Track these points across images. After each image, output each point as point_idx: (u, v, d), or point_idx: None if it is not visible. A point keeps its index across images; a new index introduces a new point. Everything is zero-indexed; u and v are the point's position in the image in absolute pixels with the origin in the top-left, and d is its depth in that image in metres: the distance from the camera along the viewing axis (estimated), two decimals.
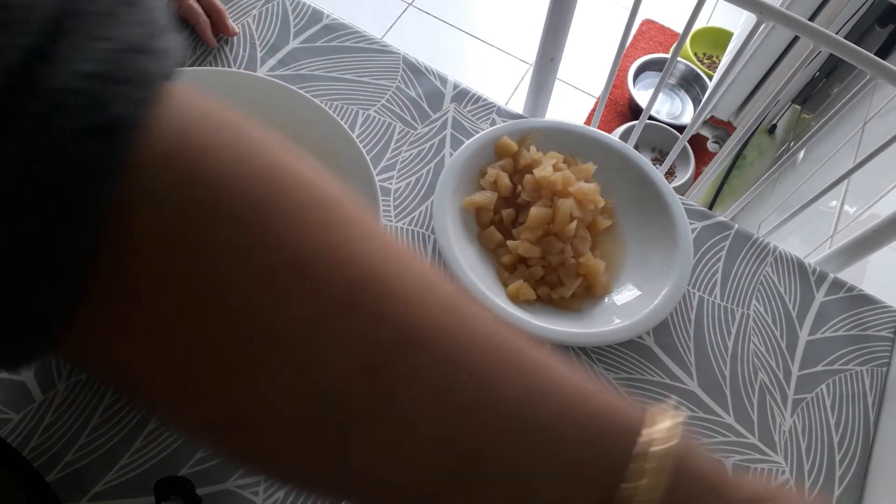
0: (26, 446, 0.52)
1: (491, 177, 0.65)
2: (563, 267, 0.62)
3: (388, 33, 2.00)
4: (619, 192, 0.68)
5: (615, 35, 0.87)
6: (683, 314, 0.65)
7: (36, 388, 0.54)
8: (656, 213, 0.66)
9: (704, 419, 0.60)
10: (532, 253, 0.62)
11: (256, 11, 0.77)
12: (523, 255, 0.62)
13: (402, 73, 0.75)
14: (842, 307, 0.67)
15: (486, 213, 0.65)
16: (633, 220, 0.67)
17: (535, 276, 0.62)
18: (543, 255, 0.62)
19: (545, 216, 0.62)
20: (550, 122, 0.69)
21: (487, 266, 0.63)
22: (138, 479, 0.52)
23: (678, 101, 1.94)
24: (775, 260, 0.69)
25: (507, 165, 0.66)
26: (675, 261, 0.62)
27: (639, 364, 0.62)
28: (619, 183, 0.68)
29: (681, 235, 0.64)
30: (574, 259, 0.62)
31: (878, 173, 1.00)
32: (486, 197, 0.64)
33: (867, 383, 0.63)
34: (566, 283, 0.62)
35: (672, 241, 0.64)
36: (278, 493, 0.52)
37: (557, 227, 0.62)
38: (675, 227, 0.64)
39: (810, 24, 0.71)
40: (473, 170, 0.66)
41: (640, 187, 0.67)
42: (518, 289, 0.61)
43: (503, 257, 0.63)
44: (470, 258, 0.61)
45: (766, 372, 0.63)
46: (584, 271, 0.62)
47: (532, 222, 0.62)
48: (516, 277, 0.62)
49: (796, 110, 1.69)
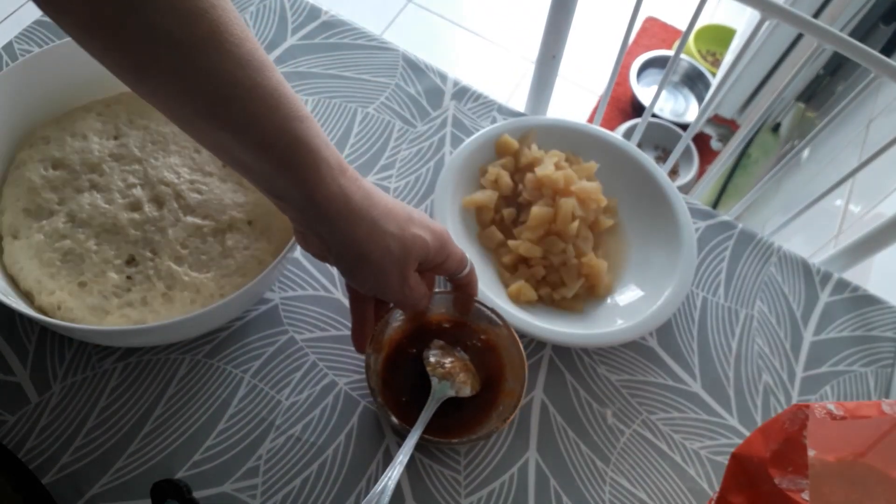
0: (22, 448, 0.51)
1: (492, 175, 0.64)
2: (565, 267, 0.61)
3: (387, 30, 1.99)
4: (622, 190, 0.67)
5: (618, 32, 0.87)
6: (686, 315, 0.64)
7: (32, 390, 0.54)
8: (660, 212, 0.65)
9: (708, 421, 0.59)
10: (533, 253, 0.61)
11: (254, 8, 0.77)
12: (524, 255, 0.61)
13: (402, 71, 0.75)
14: (846, 307, 0.66)
15: (487, 213, 0.64)
16: (636, 219, 0.66)
17: (537, 277, 0.61)
18: (545, 255, 0.61)
19: (547, 215, 0.61)
20: (552, 120, 0.68)
21: (488, 266, 0.62)
22: (134, 482, 0.51)
23: (681, 98, 1.93)
24: (779, 260, 0.68)
25: (508, 164, 0.65)
26: (679, 261, 0.61)
27: (641, 365, 0.61)
28: (622, 181, 0.67)
29: (684, 235, 0.63)
30: (576, 259, 0.61)
31: (883, 172, 0.99)
32: (486, 196, 0.64)
33: (872, 384, 0.62)
34: (568, 283, 0.61)
35: (676, 240, 0.63)
36: (276, 497, 0.52)
37: (559, 226, 0.61)
38: (678, 226, 0.63)
39: (814, 22, 0.70)
40: (474, 168, 0.65)
41: (643, 186, 0.66)
42: (519, 289, 0.60)
43: (504, 257, 0.63)
44: (471, 258, 0.60)
45: (770, 373, 0.62)
46: (586, 271, 0.61)
47: (533, 222, 0.61)
48: (517, 278, 0.61)
49: (800, 108, 1.68)
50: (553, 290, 0.61)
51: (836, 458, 0.42)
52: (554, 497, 0.54)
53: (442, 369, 0.52)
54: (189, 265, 0.53)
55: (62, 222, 0.53)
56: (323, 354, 0.58)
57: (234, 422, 0.54)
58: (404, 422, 0.49)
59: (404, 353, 0.54)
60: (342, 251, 0.43)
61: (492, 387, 0.53)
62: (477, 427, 0.52)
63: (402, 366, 0.54)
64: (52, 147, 0.56)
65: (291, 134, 0.39)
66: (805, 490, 0.35)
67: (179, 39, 0.35)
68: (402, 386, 0.53)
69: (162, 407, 0.54)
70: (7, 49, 0.69)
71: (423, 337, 0.55)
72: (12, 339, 0.55)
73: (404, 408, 0.51)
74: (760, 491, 0.37)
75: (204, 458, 0.53)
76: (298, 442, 0.54)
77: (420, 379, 0.52)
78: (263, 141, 0.39)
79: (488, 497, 0.54)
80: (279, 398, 0.56)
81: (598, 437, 0.57)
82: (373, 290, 0.47)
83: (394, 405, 0.51)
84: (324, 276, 0.62)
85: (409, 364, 0.54)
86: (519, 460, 0.55)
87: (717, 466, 0.57)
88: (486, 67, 1.98)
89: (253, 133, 0.38)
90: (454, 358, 0.53)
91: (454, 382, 0.51)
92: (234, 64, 0.36)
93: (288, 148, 0.39)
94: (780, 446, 0.37)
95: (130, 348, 0.56)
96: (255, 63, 0.37)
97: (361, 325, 0.51)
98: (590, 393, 0.59)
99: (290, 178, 0.40)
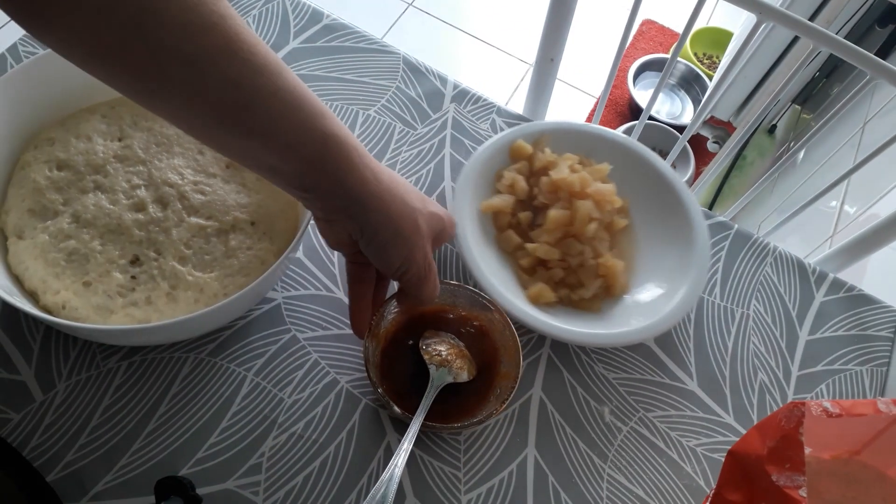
0: (26, 446, 0.52)
1: (507, 180, 0.65)
2: (583, 268, 0.62)
3: (388, 33, 2.00)
4: (633, 190, 0.67)
5: (615, 35, 0.87)
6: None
7: (36, 388, 0.54)
8: (671, 210, 0.65)
9: (704, 419, 0.60)
10: (551, 255, 0.61)
11: (257, 11, 0.77)
12: (542, 257, 0.62)
13: (402, 73, 0.75)
14: (842, 307, 0.67)
15: (504, 217, 0.64)
16: (648, 218, 0.67)
17: (555, 279, 0.62)
18: (563, 257, 0.62)
19: (563, 218, 0.62)
20: (563, 124, 0.68)
21: (506, 268, 0.63)
22: (138, 479, 0.52)
23: (678, 101, 1.94)
24: (775, 260, 0.69)
25: (523, 168, 0.66)
26: (693, 258, 0.62)
27: (638, 364, 0.62)
28: (633, 182, 0.67)
29: (697, 231, 0.63)
30: (594, 260, 0.62)
31: (878, 173, 1.00)
32: (503, 200, 0.64)
33: (867, 383, 0.63)
34: (586, 284, 0.61)
35: (688, 237, 0.63)
36: (278, 493, 0.52)
37: (577, 228, 0.61)
38: (690, 223, 0.64)
39: (810, 24, 0.71)
40: (489, 173, 0.66)
41: (654, 185, 0.67)
42: (539, 291, 0.60)
43: (522, 260, 0.63)
44: (489, 261, 0.61)
45: (765, 372, 0.63)
46: (603, 272, 0.62)
47: (550, 224, 0.62)
48: (536, 280, 0.62)
49: (796, 110, 1.69)
50: (571, 290, 0.62)
51: (831, 456, 0.43)
52: (552, 493, 0.55)
53: (439, 357, 0.53)
54: (193, 265, 0.54)
55: (67, 222, 0.54)
56: (325, 353, 0.58)
57: (236, 419, 0.55)
58: (406, 411, 0.50)
59: (400, 343, 0.55)
60: (377, 229, 0.44)
61: (487, 371, 0.55)
62: (476, 411, 0.53)
63: (399, 357, 0.55)
64: (56, 148, 0.57)
65: (319, 131, 0.40)
66: (802, 486, 0.35)
67: (192, 54, 0.35)
68: (400, 376, 0.54)
69: (165, 405, 0.55)
70: (11, 51, 0.70)
71: (417, 327, 0.56)
72: (17, 338, 0.56)
73: (404, 398, 0.52)
74: (757, 488, 0.38)
75: (207, 455, 0.53)
76: (301, 439, 0.55)
77: (417, 367, 0.54)
78: (292, 142, 0.39)
79: (487, 493, 0.54)
80: (281, 396, 0.56)
81: (595, 434, 0.58)
82: (400, 269, 0.47)
83: (394, 396, 0.52)
84: (326, 276, 0.62)
85: (405, 354, 0.55)
86: (517, 457, 0.56)
87: (714, 463, 0.58)
88: (485, 70, 1.99)
89: (281, 137, 0.39)
90: (449, 345, 0.55)
91: (451, 369, 0.53)
92: (253, 72, 0.37)
93: (318, 144, 0.40)
94: (776, 443, 0.37)
95: (134, 347, 0.57)
96: (271, 67, 0.38)
97: (361, 311, 0.52)
98: (587, 391, 0.60)
99: (321, 171, 0.41)
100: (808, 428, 0.36)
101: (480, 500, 0.54)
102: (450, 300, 0.57)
